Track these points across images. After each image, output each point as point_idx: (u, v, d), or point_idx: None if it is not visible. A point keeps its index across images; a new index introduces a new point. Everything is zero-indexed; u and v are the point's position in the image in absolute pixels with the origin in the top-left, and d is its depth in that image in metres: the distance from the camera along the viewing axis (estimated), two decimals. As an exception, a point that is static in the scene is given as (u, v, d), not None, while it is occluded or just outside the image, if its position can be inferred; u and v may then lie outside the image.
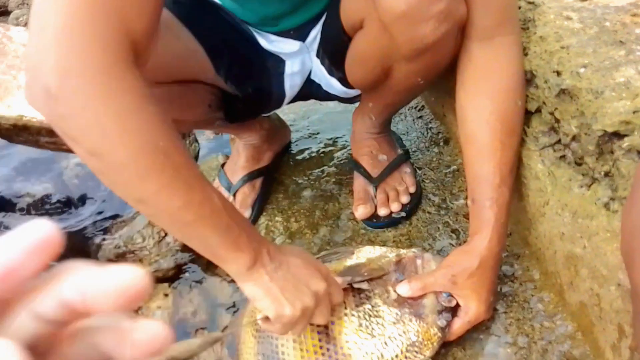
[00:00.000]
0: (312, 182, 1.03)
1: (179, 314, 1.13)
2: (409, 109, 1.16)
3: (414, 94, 0.87)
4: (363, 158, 0.95)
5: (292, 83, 0.87)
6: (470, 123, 0.71)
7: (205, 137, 1.47)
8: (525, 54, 0.73)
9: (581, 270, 0.67)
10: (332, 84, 0.87)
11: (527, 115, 0.75)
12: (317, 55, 0.84)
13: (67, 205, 1.42)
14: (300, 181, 1.04)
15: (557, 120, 0.69)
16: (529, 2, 0.77)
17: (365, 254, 0.76)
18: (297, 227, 0.95)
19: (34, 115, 1.12)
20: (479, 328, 0.74)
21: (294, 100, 0.93)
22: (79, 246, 1.29)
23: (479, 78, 0.70)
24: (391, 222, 0.91)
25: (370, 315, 0.68)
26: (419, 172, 1.00)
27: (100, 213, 1.37)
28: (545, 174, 0.72)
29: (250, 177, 0.99)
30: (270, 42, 0.81)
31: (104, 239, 1.28)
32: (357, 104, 0.96)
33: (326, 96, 0.93)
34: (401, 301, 0.69)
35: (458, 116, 0.72)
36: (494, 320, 0.75)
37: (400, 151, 0.97)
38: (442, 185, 0.97)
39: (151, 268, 1.20)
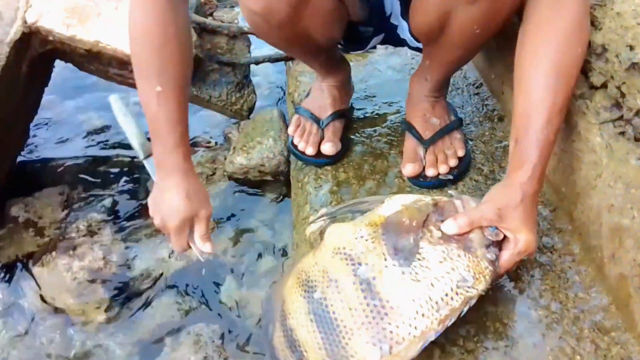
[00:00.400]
0: (364, 140, 1.06)
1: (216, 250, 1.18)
2: (466, 85, 1.18)
3: (470, 51, 0.88)
4: (416, 120, 0.98)
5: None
6: (527, 67, 0.71)
7: (261, 92, 1.52)
8: (599, 29, 0.73)
9: (626, 241, 0.68)
10: (403, 27, 0.91)
11: (592, 89, 0.76)
12: None
13: (123, 136, 1.49)
14: (352, 137, 1.07)
15: (623, 95, 0.70)
16: (609, -20, 0.77)
17: (398, 201, 0.73)
18: (344, 177, 0.99)
19: (109, 42, 1.18)
20: (512, 289, 0.76)
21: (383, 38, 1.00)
22: (130, 173, 1.36)
23: (542, 23, 0.70)
24: (438, 183, 0.93)
25: (416, 260, 0.65)
26: (470, 142, 1.01)
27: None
28: (602, 147, 0.73)
29: (338, 115, 1.04)
30: None
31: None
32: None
33: (398, 41, 0.96)
34: (446, 238, 0.67)
35: (516, 58, 0.72)
36: (529, 285, 0.77)
37: (453, 117, 0.99)
38: (492, 158, 0.98)
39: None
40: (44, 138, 1.53)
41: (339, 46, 1.03)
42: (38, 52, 1.25)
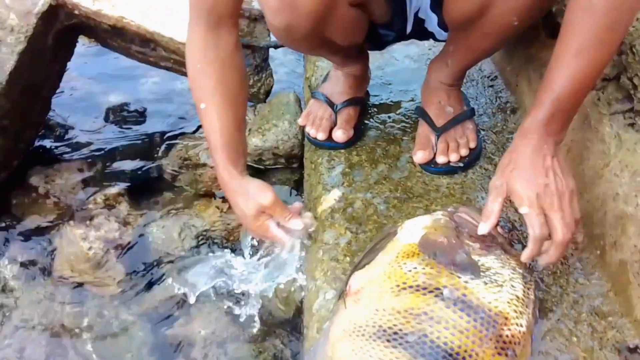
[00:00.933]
0: (378, 125, 1.08)
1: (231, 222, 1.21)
2: (481, 77, 1.19)
3: (499, 42, 0.89)
4: (430, 107, 1.00)
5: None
6: (559, 37, 0.68)
7: (278, 76, 1.55)
8: (616, 22, 0.75)
9: (629, 228, 0.70)
10: (431, 20, 0.93)
11: (605, 81, 0.78)
12: None
13: (141, 115, 1.52)
14: (366, 122, 1.09)
15: (635, 87, 0.72)
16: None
17: (415, 225, 0.73)
18: (357, 159, 1.01)
19: (133, 18, 1.21)
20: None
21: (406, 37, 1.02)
22: (147, 151, 1.39)
23: None
24: (448, 170, 0.95)
25: (483, 272, 0.66)
26: (482, 133, 1.03)
27: (170, 126, 1.47)
28: (611, 137, 0.75)
29: (353, 102, 1.06)
30: None
31: (170, 148, 1.38)
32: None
33: (425, 34, 0.98)
34: (486, 248, 0.70)
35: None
36: (530, 270, 0.78)
37: (466, 107, 1.01)
38: (503, 149, 1.00)
39: (208, 182, 1.29)
40: (65, 113, 1.56)
41: None
42: (64, 25, 1.28)
